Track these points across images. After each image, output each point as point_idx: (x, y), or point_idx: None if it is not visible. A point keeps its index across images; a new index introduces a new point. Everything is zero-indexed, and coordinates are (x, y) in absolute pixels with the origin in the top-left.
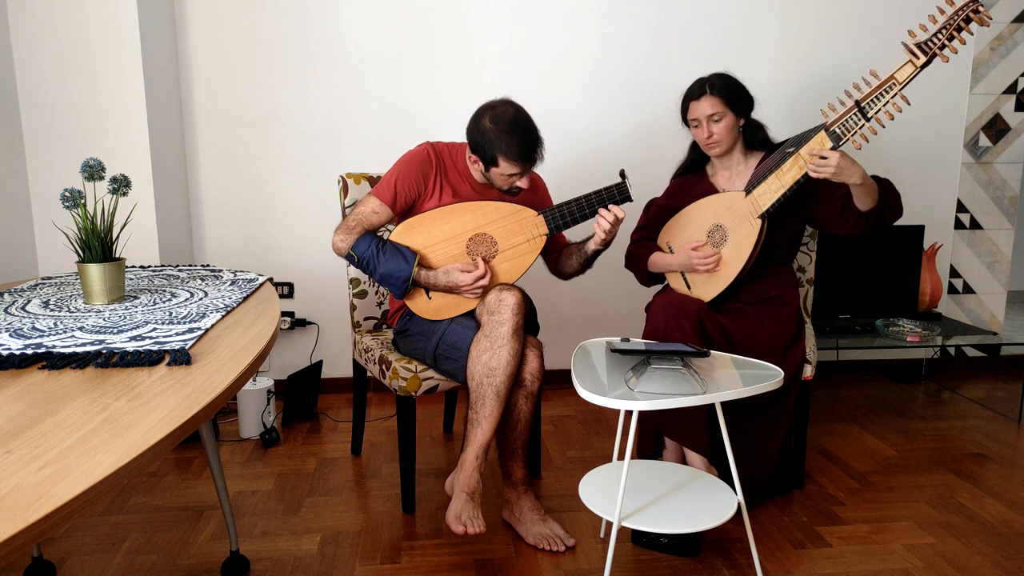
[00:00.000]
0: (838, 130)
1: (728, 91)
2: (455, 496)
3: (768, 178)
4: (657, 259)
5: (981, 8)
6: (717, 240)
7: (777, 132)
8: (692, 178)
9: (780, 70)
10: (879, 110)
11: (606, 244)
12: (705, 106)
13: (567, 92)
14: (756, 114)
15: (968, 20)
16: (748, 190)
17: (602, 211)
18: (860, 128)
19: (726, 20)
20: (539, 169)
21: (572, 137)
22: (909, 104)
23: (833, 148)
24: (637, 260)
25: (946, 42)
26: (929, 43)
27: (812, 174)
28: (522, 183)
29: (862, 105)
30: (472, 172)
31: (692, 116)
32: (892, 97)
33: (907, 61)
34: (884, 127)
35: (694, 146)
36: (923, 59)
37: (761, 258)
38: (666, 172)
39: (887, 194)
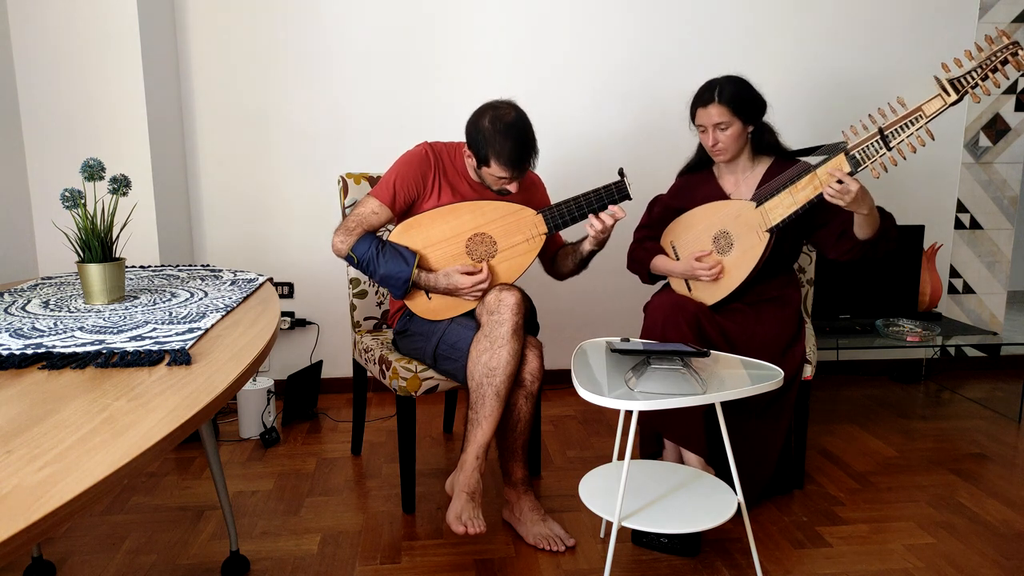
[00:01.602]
0: (858, 155)
1: (737, 99)
2: (455, 496)
3: (781, 193)
4: (659, 264)
5: (1021, 51)
6: (722, 247)
7: (782, 136)
8: (698, 177)
9: (784, 72)
10: (902, 141)
11: (601, 245)
12: (712, 113)
13: (567, 91)
14: (768, 117)
15: (1005, 62)
16: (759, 202)
17: (602, 215)
18: (880, 156)
19: (730, 20)
20: (539, 168)
21: (572, 136)
22: (934, 139)
23: (851, 173)
24: (639, 263)
25: (980, 81)
26: (963, 80)
27: (828, 198)
28: (512, 188)
29: (885, 133)
30: (467, 168)
31: (699, 122)
32: (917, 130)
33: (937, 95)
34: (905, 159)
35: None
36: (954, 96)
37: (765, 264)
38: (666, 172)
39: (887, 228)
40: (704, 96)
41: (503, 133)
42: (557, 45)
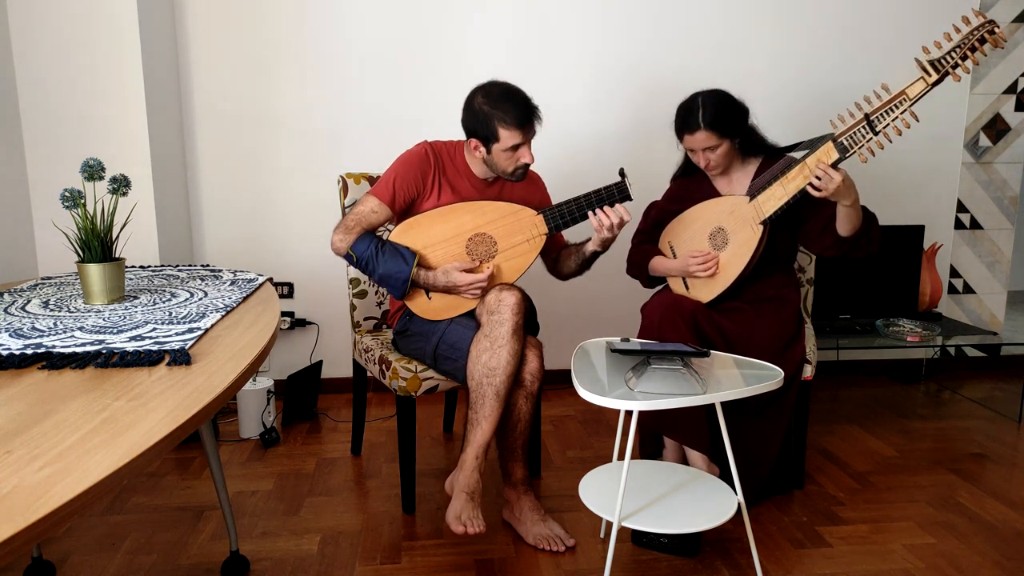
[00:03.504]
0: (845, 142)
1: (721, 120)
2: (455, 496)
3: (773, 185)
4: (657, 264)
5: (997, 29)
6: (719, 243)
7: (777, 134)
8: (692, 180)
9: (782, 70)
10: (888, 125)
11: (605, 246)
12: (700, 139)
13: (567, 92)
14: (753, 115)
15: (983, 40)
16: (752, 195)
17: (607, 209)
18: (867, 141)
19: (727, 20)
20: (539, 169)
21: (572, 137)
22: (918, 121)
23: (840, 159)
24: (637, 266)
25: (959, 61)
26: (942, 61)
27: (811, 191)
28: (526, 157)
29: (871, 119)
30: (473, 165)
31: (687, 146)
32: (902, 112)
33: (919, 78)
34: (892, 142)
35: None
36: (935, 76)
37: (761, 260)
38: (666, 172)
39: (869, 228)
40: (688, 122)
41: (501, 99)
42: (557, 46)
